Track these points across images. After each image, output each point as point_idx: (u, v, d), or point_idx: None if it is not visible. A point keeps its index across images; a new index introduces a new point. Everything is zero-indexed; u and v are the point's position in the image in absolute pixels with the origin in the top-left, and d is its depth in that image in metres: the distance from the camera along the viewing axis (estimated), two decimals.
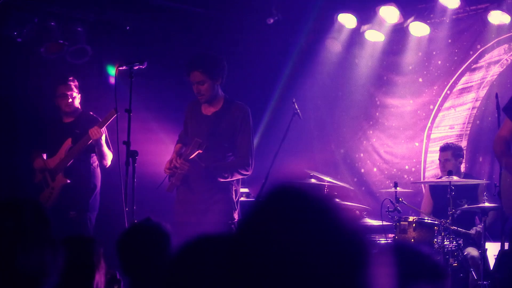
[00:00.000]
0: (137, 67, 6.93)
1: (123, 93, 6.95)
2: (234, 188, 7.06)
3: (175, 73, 8.53)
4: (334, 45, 10.39)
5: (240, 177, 7.07)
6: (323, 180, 8.28)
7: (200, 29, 9.79)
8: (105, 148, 8.02)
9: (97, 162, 8.25)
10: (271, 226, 1.49)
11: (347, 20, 10.09)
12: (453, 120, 10.07)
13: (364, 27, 10.12)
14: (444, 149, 8.81)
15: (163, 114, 9.24)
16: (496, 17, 9.23)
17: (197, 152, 6.86)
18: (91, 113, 8.31)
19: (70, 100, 8.22)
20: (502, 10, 9.10)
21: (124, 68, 6.97)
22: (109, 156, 8.08)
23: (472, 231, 8.14)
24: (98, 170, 8.30)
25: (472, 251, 7.89)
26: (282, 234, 1.47)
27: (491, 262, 7.68)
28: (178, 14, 9.71)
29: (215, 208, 6.82)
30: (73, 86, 8.24)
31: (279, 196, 1.56)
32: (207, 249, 2.33)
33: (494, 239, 7.94)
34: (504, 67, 9.64)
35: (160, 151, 8.60)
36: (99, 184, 8.29)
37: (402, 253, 2.70)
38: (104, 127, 7.85)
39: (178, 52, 9.19)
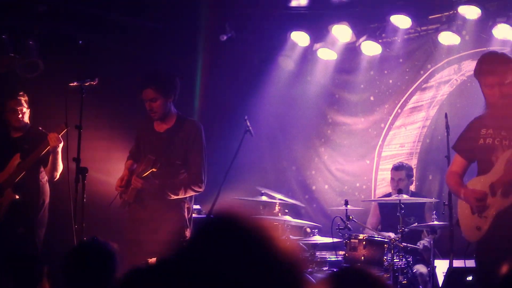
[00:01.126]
0: (88, 83, 6.89)
1: (74, 109, 6.90)
2: (186, 206, 7.03)
3: (128, 89, 8.49)
4: (287, 63, 10.45)
5: (192, 193, 7.04)
6: (274, 198, 8.31)
7: (153, 45, 9.76)
8: (60, 158, 7.89)
9: (46, 177, 8.13)
10: (206, 260, 1.49)
11: (300, 38, 10.17)
12: (403, 138, 10.18)
13: (316, 45, 10.20)
14: (397, 168, 8.90)
15: (115, 131, 9.17)
16: (446, 38, 9.37)
17: (151, 170, 6.82)
18: (40, 128, 8.18)
19: (20, 115, 8.10)
20: (452, 31, 9.24)
21: (75, 84, 6.92)
22: (60, 168, 7.97)
23: (420, 246, 8.23)
24: (47, 185, 8.19)
25: (421, 268, 7.98)
26: (217, 266, 1.47)
27: (440, 279, 7.75)
28: (132, 30, 9.68)
29: (167, 225, 6.78)
30: (23, 101, 8.13)
31: (214, 230, 1.56)
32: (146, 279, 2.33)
33: (443, 256, 8.03)
34: (454, 87, 9.78)
35: (111, 167, 8.53)
36: (47, 199, 8.18)
37: (351, 278, 2.72)
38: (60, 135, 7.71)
39: (131, 68, 9.13)
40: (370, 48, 9.96)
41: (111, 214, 7.49)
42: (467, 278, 6.80)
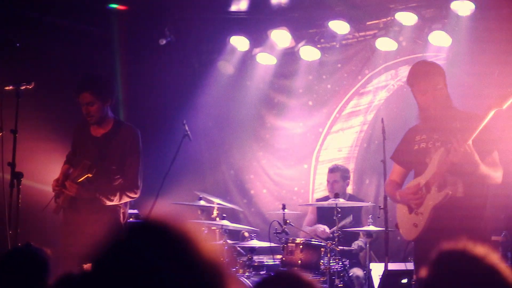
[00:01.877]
0: (24, 87, 6.79)
1: (10, 113, 6.80)
2: (122, 211, 6.97)
3: (65, 93, 8.39)
4: (226, 67, 10.47)
5: (128, 200, 6.99)
6: (212, 202, 8.32)
7: (90, 49, 9.68)
8: None
9: None
10: (129, 264, 1.50)
11: (239, 43, 10.20)
12: (341, 143, 10.29)
13: (256, 50, 10.25)
14: (332, 170, 8.99)
15: (51, 135, 9.06)
16: (384, 43, 9.51)
17: (87, 175, 6.75)
18: None
19: None
20: (389, 37, 9.37)
21: (10, 88, 6.82)
22: None
23: (354, 246, 8.34)
24: None
25: (357, 271, 8.07)
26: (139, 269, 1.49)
27: (376, 282, 7.84)
28: (69, 33, 9.58)
29: (101, 231, 6.70)
30: None
31: (136, 234, 1.57)
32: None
33: (379, 259, 8.12)
34: (391, 92, 9.92)
35: (47, 172, 8.42)
36: None
37: (284, 282, 2.74)
38: None
39: (68, 72, 9.04)
40: (309, 53, 10.05)
41: (47, 219, 7.39)
42: (402, 281, 6.91)
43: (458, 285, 2.06)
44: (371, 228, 7.81)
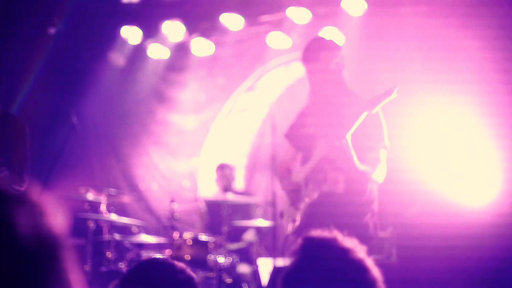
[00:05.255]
0: None
1: None
2: None
3: None
4: (117, 59, 10.29)
5: None
6: (99, 196, 8.16)
7: None
8: None
9: None
10: None
11: (131, 35, 10.01)
12: (232, 138, 10.28)
13: (147, 42, 10.10)
14: (220, 168, 8.98)
15: None
16: (276, 39, 9.53)
17: None
18: None
19: None
20: (282, 33, 9.40)
21: None
22: None
23: (243, 244, 8.35)
24: None
25: (244, 267, 8.07)
26: None
27: (263, 277, 7.87)
28: None
29: None
30: None
31: None
32: None
33: (267, 255, 8.15)
34: (283, 88, 9.96)
35: None
36: None
37: (155, 270, 2.69)
38: None
39: None
40: (202, 47, 9.98)
41: None
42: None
43: (317, 273, 2.02)
44: (260, 222, 7.81)
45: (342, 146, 5.08)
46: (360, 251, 2.05)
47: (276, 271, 7.21)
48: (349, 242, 2.06)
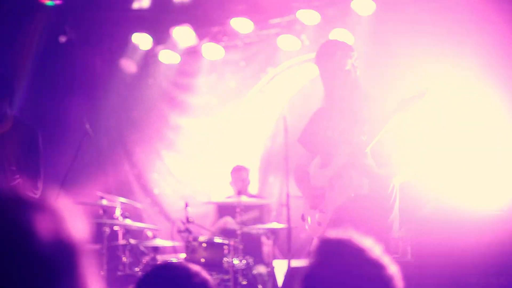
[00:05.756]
0: None
1: None
2: None
3: None
4: (129, 65, 10.34)
5: None
6: (114, 201, 8.19)
7: None
8: None
9: None
10: None
11: (141, 41, 10.07)
12: (245, 141, 10.29)
13: (158, 48, 10.15)
14: (235, 170, 8.99)
15: None
16: (287, 42, 9.55)
17: None
18: None
19: None
20: (292, 35, 9.42)
21: None
22: None
23: (265, 250, 8.38)
24: None
25: (260, 269, 8.08)
26: None
27: (279, 279, 7.88)
28: None
29: None
30: None
31: None
32: None
33: (282, 256, 8.16)
34: (295, 90, 9.97)
35: None
36: None
37: (169, 274, 2.71)
38: None
39: None
40: (212, 52, 10.01)
41: None
42: None
43: (335, 273, 2.05)
44: (274, 225, 7.82)
45: (365, 155, 5.06)
46: (376, 249, 2.07)
47: (291, 272, 7.22)
48: (365, 241, 2.09)
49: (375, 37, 8.74)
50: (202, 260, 7.62)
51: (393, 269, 2.06)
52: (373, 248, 2.08)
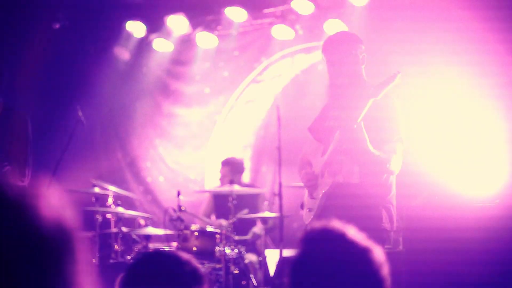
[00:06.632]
0: None
1: None
2: None
3: None
4: (123, 53, 10.31)
5: None
6: (106, 189, 8.19)
7: None
8: None
9: None
10: None
11: (135, 29, 10.05)
12: (238, 130, 10.29)
13: (152, 36, 10.12)
14: (224, 164, 8.98)
15: None
16: (280, 31, 9.54)
17: None
18: None
19: None
20: (286, 25, 9.41)
21: None
22: None
23: (249, 235, 8.37)
24: None
25: (252, 257, 8.09)
26: None
27: (271, 268, 7.90)
28: None
29: None
30: None
31: None
32: None
33: (275, 245, 8.17)
34: (287, 80, 9.97)
35: None
36: None
37: (159, 261, 2.71)
38: None
39: None
40: (206, 40, 10.00)
41: None
42: None
43: (320, 261, 2.07)
44: (267, 214, 7.83)
45: (354, 132, 5.08)
46: (362, 239, 2.09)
47: (283, 262, 7.23)
48: (351, 232, 2.11)
49: (370, 27, 8.73)
50: (194, 248, 7.62)
51: (377, 255, 2.08)
52: (356, 235, 2.09)
